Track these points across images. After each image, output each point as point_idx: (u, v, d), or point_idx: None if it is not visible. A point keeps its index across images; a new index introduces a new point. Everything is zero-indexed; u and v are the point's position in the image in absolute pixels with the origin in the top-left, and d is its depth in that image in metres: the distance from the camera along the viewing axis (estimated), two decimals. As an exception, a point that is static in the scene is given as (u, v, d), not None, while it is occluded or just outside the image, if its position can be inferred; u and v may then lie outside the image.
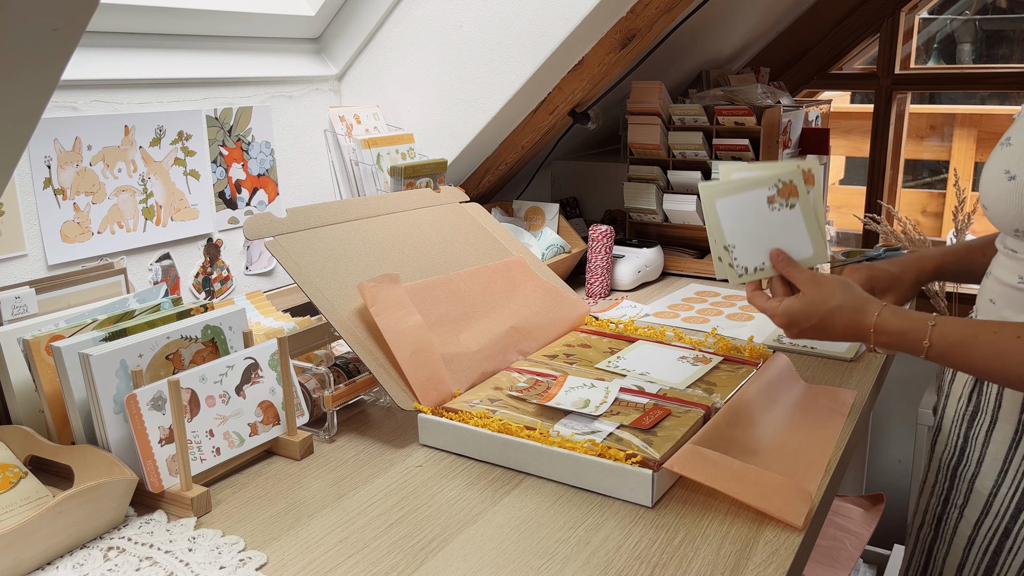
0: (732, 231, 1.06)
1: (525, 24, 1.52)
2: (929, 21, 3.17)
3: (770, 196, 1.05)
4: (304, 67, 1.64)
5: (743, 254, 1.07)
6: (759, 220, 1.05)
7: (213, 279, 1.48)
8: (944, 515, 1.09)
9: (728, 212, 1.06)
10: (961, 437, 1.07)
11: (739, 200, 1.05)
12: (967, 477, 1.05)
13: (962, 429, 1.07)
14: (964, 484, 1.05)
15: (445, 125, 1.68)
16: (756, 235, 1.06)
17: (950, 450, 1.09)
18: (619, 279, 1.74)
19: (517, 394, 1.10)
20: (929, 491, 1.14)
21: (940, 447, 1.12)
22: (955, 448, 1.08)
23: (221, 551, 0.84)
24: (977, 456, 1.04)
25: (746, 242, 1.06)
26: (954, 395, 1.10)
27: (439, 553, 0.84)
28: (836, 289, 1.01)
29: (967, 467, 1.05)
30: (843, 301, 1.00)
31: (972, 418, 1.05)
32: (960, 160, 3.43)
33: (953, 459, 1.08)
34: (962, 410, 1.07)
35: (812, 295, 1.01)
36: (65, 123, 1.22)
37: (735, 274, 1.07)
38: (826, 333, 1.01)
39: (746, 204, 1.05)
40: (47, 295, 1.08)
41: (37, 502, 0.89)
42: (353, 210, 1.32)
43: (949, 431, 1.10)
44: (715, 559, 0.82)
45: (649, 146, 1.84)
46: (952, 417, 1.10)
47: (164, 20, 1.37)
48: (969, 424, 1.05)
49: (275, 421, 1.05)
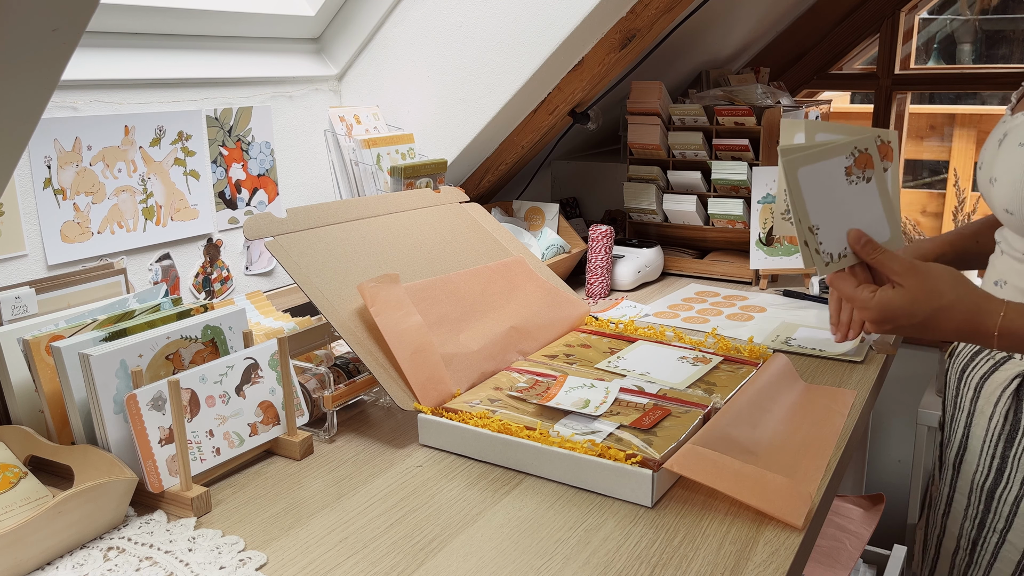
0: (816, 209, 0.92)
1: (525, 24, 1.52)
2: (929, 21, 3.17)
3: (847, 167, 0.93)
4: (304, 67, 1.64)
5: (828, 237, 0.93)
6: (839, 194, 0.93)
7: (213, 279, 1.48)
8: (980, 539, 1.04)
9: (811, 184, 0.92)
10: (997, 458, 1.02)
11: (820, 169, 0.92)
12: (1008, 500, 1.00)
13: (998, 449, 1.02)
14: (1005, 507, 1.01)
15: (445, 125, 1.68)
16: (838, 213, 0.93)
17: (983, 471, 1.04)
18: (619, 279, 1.74)
19: (517, 394, 1.10)
20: (961, 514, 1.09)
21: (968, 467, 1.07)
22: (989, 468, 1.03)
23: (221, 551, 0.84)
24: (1022, 478, 0.99)
25: (830, 222, 0.93)
26: (981, 413, 1.06)
27: (439, 553, 0.84)
28: (946, 284, 0.88)
29: (1008, 490, 1.00)
30: (955, 299, 0.87)
31: (1011, 438, 1.01)
32: (960, 160, 3.43)
33: (988, 481, 1.03)
34: (996, 430, 1.02)
35: (916, 290, 0.88)
36: (65, 123, 1.22)
37: (822, 261, 0.93)
38: (931, 333, 0.90)
39: (827, 174, 0.92)
40: (47, 295, 1.08)
41: (37, 502, 0.89)
42: (353, 210, 1.32)
43: (981, 451, 1.05)
44: (715, 559, 0.82)
45: (649, 146, 1.84)
46: (983, 437, 1.05)
47: (164, 20, 1.37)
48: (1007, 444, 1.01)
49: (275, 421, 1.05)
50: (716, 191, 1.81)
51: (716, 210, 1.79)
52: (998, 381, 1.03)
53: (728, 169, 1.76)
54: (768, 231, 1.72)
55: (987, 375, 1.06)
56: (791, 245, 1.71)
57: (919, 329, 0.90)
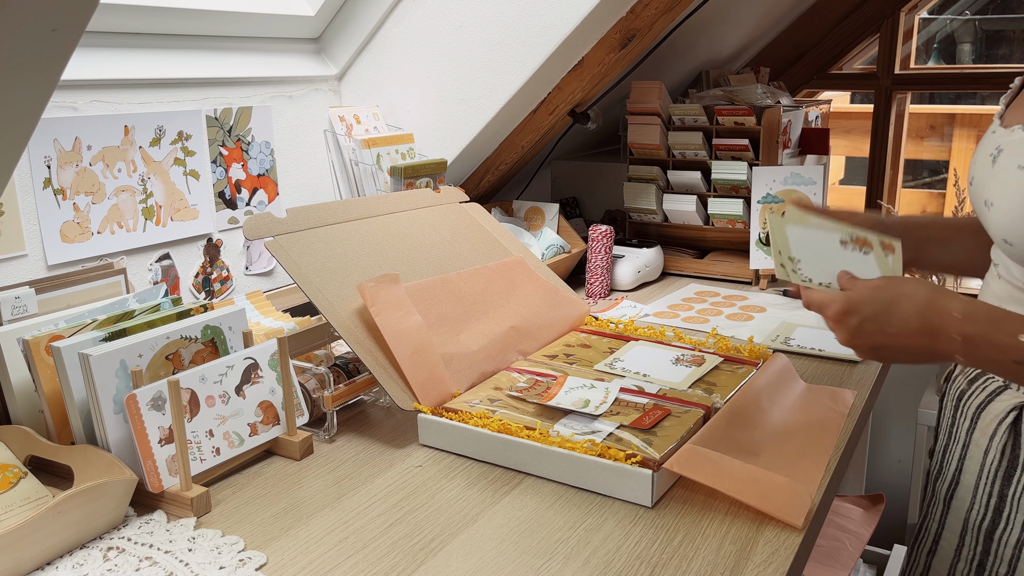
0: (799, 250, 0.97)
1: (525, 24, 1.52)
2: (929, 21, 3.17)
3: (842, 240, 0.95)
4: (304, 67, 1.64)
5: (809, 268, 0.97)
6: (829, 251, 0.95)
7: (213, 279, 1.48)
8: None
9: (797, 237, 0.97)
10: (995, 496, 0.96)
11: (809, 232, 0.96)
12: (1010, 543, 0.94)
13: (995, 487, 0.96)
14: (1007, 551, 0.95)
15: (445, 125, 1.68)
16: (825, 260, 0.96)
17: (979, 510, 0.98)
18: (619, 279, 1.74)
19: (517, 394, 1.10)
20: (954, 553, 1.02)
21: (962, 504, 1.01)
22: (985, 508, 0.97)
23: (221, 551, 0.84)
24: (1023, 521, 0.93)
25: (814, 262, 0.97)
26: (976, 445, 0.99)
27: (439, 553, 0.84)
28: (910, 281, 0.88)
29: (1009, 532, 0.94)
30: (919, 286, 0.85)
31: (1008, 474, 0.95)
32: (960, 160, 3.43)
33: (986, 521, 0.97)
34: (992, 466, 0.97)
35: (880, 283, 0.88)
36: (65, 123, 1.22)
37: (799, 278, 0.99)
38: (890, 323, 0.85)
39: (817, 236, 0.96)
40: (47, 295, 1.08)
41: (37, 502, 0.89)
42: (353, 210, 1.32)
43: (977, 488, 0.99)
44: (715, 559, 0.82)
45: (649, 146, 1.84)
46: (977, 472, 0.99)
47: (164, 20, 1.37)
48: (1005, 482, 0.95)
49: (275, 421, 1.05)
50: (716, 191, 1.81)
51: (716, 210, 1.79)
52: (995, 412, 0.98)
53: (728, 169, 1.76)
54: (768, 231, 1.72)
55: (984, 404, 1.00)
56: None
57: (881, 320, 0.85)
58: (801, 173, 1.71)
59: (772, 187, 1.71)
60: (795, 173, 1.71)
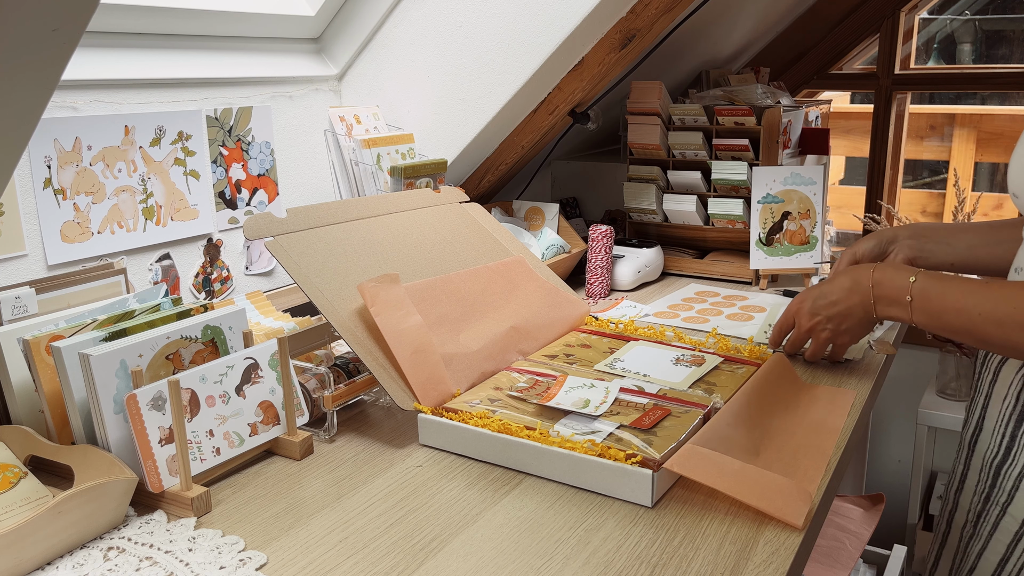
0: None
1: (525, 24, 1.52)
2: (929, 21, 3.17)
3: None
4: (304, 67, 1.64)
5: None
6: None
7: (213, 279, 1.48)
8: (984, 512, 1.09)
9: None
10: (1007, 436, 1.07)
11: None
12: (1012, 475, 1.05)
13: (1008, 428, 1.07)
14: (1008, 482, 1.05)
15: (445, 125, 1.68)
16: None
17: (993, 449, 1.09)
18: (619, 279, 1.74)
19: (517, 394, 1.10)
20: (972, 489, 1.14)
21: (982, 446, 1.12)
22: (999, 447, 1.08)
23: (221, 551, 0.84)
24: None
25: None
26: (997, 395, 1.11)
27: (439, 553, 0.84)
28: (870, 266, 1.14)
29: (1013, 466, 1.05)
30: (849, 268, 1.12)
31: (1021, 417, 1.05)
32: (960, 160, 3.43)
33: (997, 458, 1.08)
34: (1008, 410, 1.07)
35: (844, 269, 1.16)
36: (65, 123, 1.22)
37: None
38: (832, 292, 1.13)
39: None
40: (47, 295, 1.08)
41: (37, 502, 0.89)
42: (353, 210, 1.32)
43: (993, 431, 1.10)
44: (715, 559, 0.82)
45: (649, 146, 1.84)
46: (996, 417, 1.09)
47: (164, 20, 1.37)
48: (1017, 424, 1.05)
49: (275, 421, 1.05)
50: (716, 191, 1.81)
51: (716, 210, 1.79)
52: (1015, 364, 1.08)
53: (728, 169, 1.76)
54: (768, 231, 1.72)
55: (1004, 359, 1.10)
56: (791, 245, 1.71)
57: (825, 292, 1.14)
58: (801, 173, 1.71)
59: (772, 187, 1.71)
60: (795, 173, 1.71)
